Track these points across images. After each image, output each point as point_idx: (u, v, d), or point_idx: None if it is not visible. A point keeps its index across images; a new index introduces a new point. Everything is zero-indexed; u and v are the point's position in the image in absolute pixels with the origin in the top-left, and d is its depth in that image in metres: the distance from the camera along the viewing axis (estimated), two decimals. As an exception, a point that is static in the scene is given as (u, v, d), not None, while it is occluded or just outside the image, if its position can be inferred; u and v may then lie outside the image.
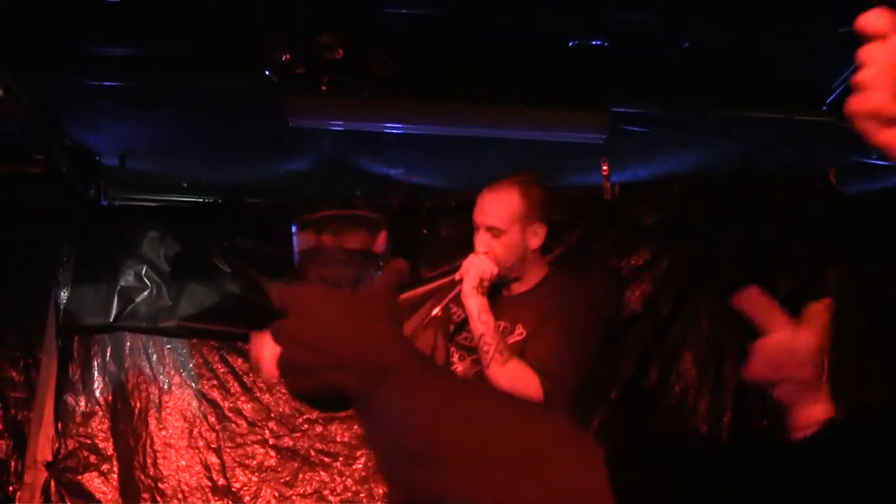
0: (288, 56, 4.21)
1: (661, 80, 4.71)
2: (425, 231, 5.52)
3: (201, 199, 5.73)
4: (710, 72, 4.61)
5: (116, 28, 4.36)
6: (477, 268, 3.31)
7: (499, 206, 3.42)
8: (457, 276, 3.38)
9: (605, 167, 5.19)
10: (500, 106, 4.90)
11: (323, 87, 4.44)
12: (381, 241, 5.28)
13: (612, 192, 5.23)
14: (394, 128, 5.04)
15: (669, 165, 5.51)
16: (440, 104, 4.89)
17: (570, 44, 4.27)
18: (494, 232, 3.39)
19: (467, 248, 5.35)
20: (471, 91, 4.78)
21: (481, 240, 3.41)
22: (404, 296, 5.40)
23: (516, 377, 3.06)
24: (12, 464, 5.59)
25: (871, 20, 0.97)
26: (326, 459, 5.37)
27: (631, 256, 5.33)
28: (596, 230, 5.36)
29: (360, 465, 5.35)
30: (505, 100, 4.86)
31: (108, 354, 5.68)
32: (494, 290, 3.42)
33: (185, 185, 5.78)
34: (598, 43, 4.29)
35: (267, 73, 4.35)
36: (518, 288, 3.43)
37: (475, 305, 3.23)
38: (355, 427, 5.37)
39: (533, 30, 4.31)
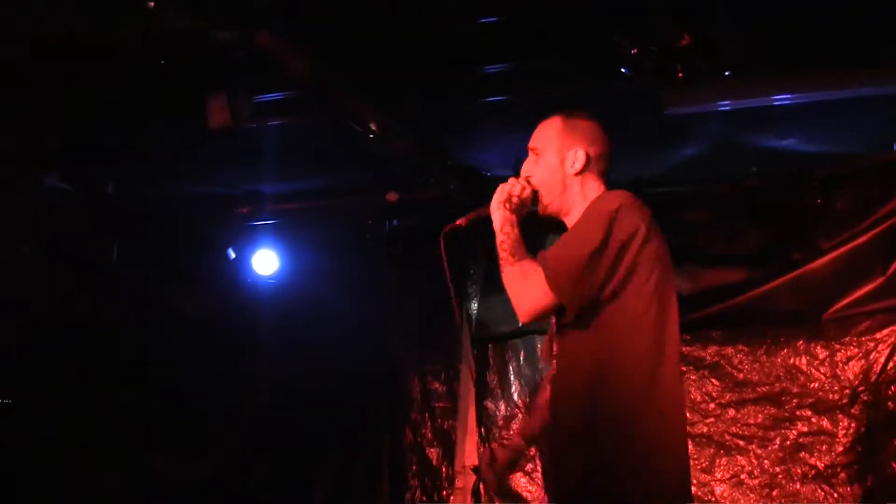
0: (636, 50, 4.99)
1: None
2: (819, 202, 6.13)
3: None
4: None
5: (492, 46, 5.32)
6: (507, 185, 3.68)
7: (538, 131, 3.78)
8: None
9: None
10: (879, 62, 5.37)
11: (679, 75, 5.17)
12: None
13: None
14: (780, 100, 5.65)
15: None
16: (816, 70, 5.41)
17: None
18: (535, 153, 3.75)
19: (866, 215, 5.98)
20: (842, 52, 5.27)
21: (529, 165, 3.77)
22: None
23: (524, 271, 3.45)
24: (444, 470, 6.74)
25: None
26: (741, 443, 6.05)
27: None
28: None
29: (777, 446, 5.97)
30: (881, 56, 5.31)
31: (522, 358, 6.71)
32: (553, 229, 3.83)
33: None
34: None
35: (624, 70, 5.14)
36: (569, 224, 3.71)
37: (499, 218, 3.60)
38: (769, 408, 6.03)
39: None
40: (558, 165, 3.69)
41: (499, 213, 3.61)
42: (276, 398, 7.10)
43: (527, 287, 3.42)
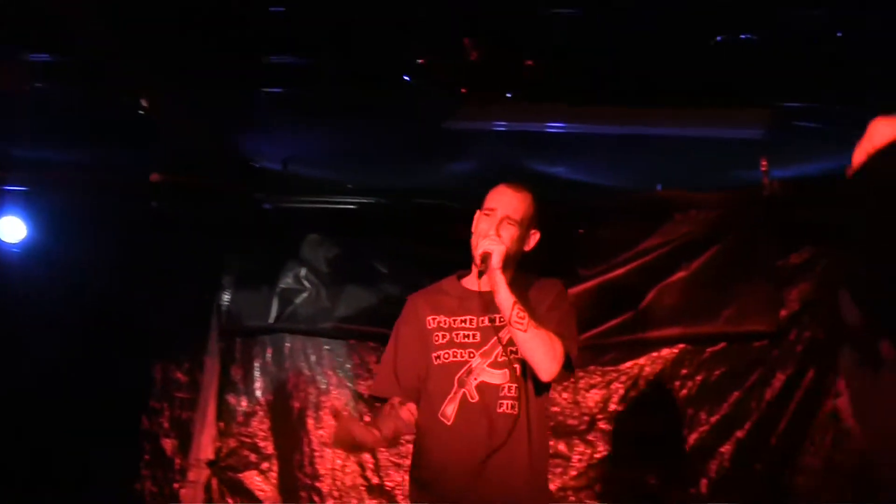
0: (423, 60, 5.08)
1: (826, 73, 5.27)
2: (581, 231, 6.37)
3: (363, 201, 6.64)
4: (876, 63, 5.18)
5: (276, 37, 5.29)
6: (501, 246, 3.99)
7: (520, 201, 4.16)
8: (479, 252, 4.05)
9: (763, 163, 5.85)
10: (656, 105, 5.62)
11: (463, 90, 5.27)
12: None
13: (772, 189, 5.92)
14: (555, 127, 5.83)
15: (838, 162, 6.06)
16: (595, 105, 5.60)
17: (718, 38, 4.99)
18: (510, 222, 4.11)
19: (625, 249, 6.24)
20: (623, 90, 5.49)
21: (499, 226, 4.10)
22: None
23: (550, 338, 3.88)
24: (177, 462, 6.64)
25: None
26: (481, 462, 6.22)
27: (790, 254, 6.14)
28: (755, 228, 6.12)
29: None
30: (661, 98, 5.56)
31: (269, 356, 6.69)
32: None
33: (349, 186, 6.68)
34: (747, 37, 5.00)
35: (406, 78, 5.22)
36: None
37: (503, 282, 3.94)
38: (509, 426, 6.23)
39: (678, 27, 5.01)
40: (523, 240, 4.17)
41: (501, 274, 3.95)
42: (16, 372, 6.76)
43: (554, 352, 3.88)
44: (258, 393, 6.66)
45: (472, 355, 4.05)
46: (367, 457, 6.37)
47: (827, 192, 5.88)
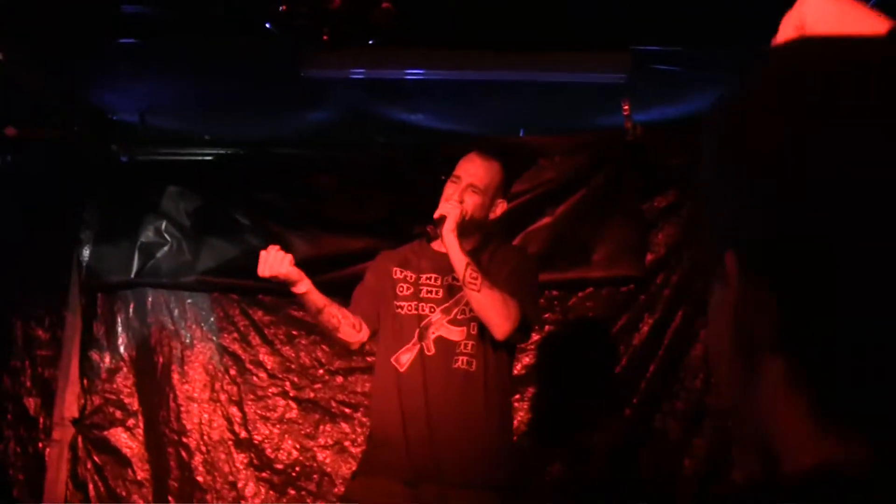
0: (285, 7, 4.97)
1: (685, 14, 5.28)
2: (443, 177, 6.28)
3: (220, 153, 6.53)
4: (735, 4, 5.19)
5: None
6: (456, 210, 4.26)
7: (486, 170, 4.45)
8: (436, 215, 4.32)
9: (626, 107, 5.81)
10: (517, 50, 5.58)
11: (324, 37, 5.19)
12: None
13: (634, 133, 5.91)
14: (413, 74, 5.77)
15: (700, 104, 6.09)
16: (455, 50, 5.55)
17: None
18: (474, 189, 4.38)
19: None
20: (483, 36, 5.45)
21: (463, 192, 4.40)
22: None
23: (504, 298, 4.11)
24: (41, 421, 6.50)
25: None
26: (347, 410, 6.19)
27: (655, 198, 6.14)
28: (619, 172, 6.11)
29: (381, 416, 6.16)
30: (522, 43, 5.52)
31: (131, 311, 6.57)
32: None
33: (206, 137, 6.57)
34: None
35: (267, 25, 5.11)
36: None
37: (456, 243, 4.18)
38: (375, 378, 6.21)
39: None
40: (487, 208, 4.45)
41: (454, 237, 4.20)
42: None
43: (507, 312, 4.11)
44: (121, 349, 6.54)
45: (432, 310, 4.34)
46: (234, 410, 6.30)
47: (689, 134, 5.91)
